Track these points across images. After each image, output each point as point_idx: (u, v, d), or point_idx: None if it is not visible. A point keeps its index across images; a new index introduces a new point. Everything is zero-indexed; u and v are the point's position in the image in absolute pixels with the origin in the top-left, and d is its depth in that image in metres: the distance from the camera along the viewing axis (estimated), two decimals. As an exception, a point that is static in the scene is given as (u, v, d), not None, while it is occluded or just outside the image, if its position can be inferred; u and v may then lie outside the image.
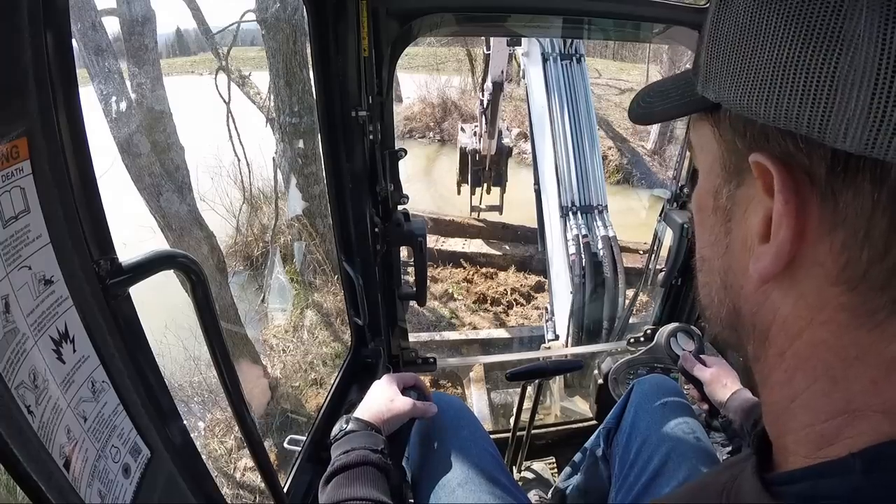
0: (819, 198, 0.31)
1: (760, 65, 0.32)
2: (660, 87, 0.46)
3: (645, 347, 1.91)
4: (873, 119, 0.27)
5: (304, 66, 6.59)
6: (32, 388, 0.46)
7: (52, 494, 0.46)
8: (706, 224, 0.42)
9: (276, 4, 6.11)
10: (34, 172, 0.46)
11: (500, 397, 5.21)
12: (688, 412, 1.28)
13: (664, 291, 2.03)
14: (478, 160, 7.76)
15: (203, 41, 8.20)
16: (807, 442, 0.36)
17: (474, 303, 8.07)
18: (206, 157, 8.09)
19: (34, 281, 0.47)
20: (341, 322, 7.18)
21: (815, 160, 0.31)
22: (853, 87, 0.27)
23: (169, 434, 0.66)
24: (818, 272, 0.33)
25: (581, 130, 4.36)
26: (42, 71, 0.46)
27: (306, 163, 7.05)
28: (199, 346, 5.62)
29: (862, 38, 0.27)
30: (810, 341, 0.34)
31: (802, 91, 0.29)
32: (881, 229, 0.29)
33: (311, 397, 6.07)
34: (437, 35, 1.62)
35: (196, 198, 5.55)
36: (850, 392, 0.33)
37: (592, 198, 4.16)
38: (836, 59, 0.28)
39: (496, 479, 1.10)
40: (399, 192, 1.57)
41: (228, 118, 7.22)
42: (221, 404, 5.67)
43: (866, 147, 0.27)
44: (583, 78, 4.59)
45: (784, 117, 0.31)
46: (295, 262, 7.89)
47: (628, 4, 1.51)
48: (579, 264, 3.76)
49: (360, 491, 0.90)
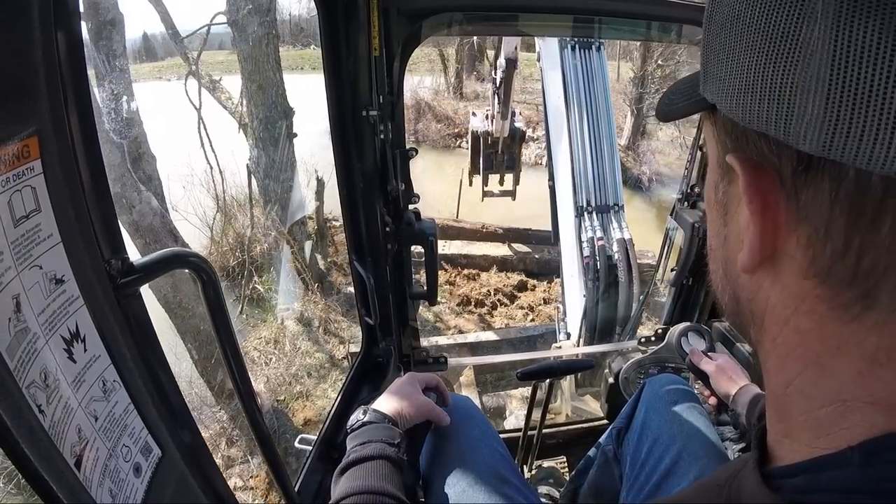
0: (785, 196, 0.33)
1: (738, 69, 0.34)
2: (680, 85, 0.47)
3: (656, 347, 1.91)
4: (828, 122, 0.28)
5: (278, 69, 6.55)
6: (43, 387, 0.46)
7: (62, 493, 0.46)
8: (711, 215, 0.45)
9: (248, 6, 6.02)
10: (45, 172, 0.46)
11: (491, 401, 5.20)
12: (699, 411, 1.28)
13: (675, 291, 2.02)
14: (490, 143, 7.63)
15: (172, 45, 8.06)
16: (805, 429, 0.37)
17: (458, 305, 8.06)
18: (177, 166, 7.98)
19: (45, 280, 0.47)
20: (324, 331, 7.14)
21: (783, 160, 0.33)
22: (809, 92, 0.28)
23: (180, 433, 0.66)
24: (793, 265, 0.34)
25: (599, 124, 4.25)
26: (53, 70, 0.46)
27: (281, 169, 6.99)
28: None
29: (816, 44, 0.28)
30: (796, 329, 0.36)
31: (769, 95, 0.31)
32: (839, 227, 0.30)
33: (297, 410, 6.01)
34: (448, 34, 1.62)
35: (168, 208, 5.45)
36: (838, 381, 0.34)
37: (609, 197, 4.10)
38: (795, 64, 0.29)
39: (506, 479, 1.09)
40: (410, 191, 1.56)
41: (200, 125, 7.15)
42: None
43: (823, 149, 0.28)
44: (602, 68, 4.46)
45: (757, 120, 0.32)
46: (273, 272, 7.81)
47: (640, 3, 1.50)
48: (594, 268, 3.73)
49: (375, 484, 0.90)
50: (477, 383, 5.52)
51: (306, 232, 8.04)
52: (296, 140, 7.29)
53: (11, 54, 0.42)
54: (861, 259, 0.30)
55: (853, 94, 0.27)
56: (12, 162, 0.43)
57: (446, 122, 17.44)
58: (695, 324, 1.89)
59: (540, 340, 6.71)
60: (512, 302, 8.28)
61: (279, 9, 6.97)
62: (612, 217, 4.02)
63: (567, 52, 4.39)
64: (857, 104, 0.27)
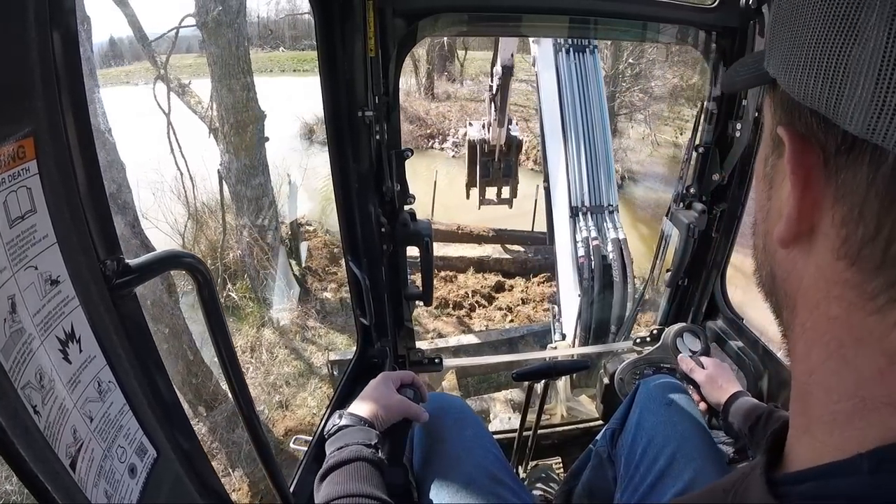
0: (825, 173, 0.34)
1: (798, 46, 0.34)
2: (748, 59, 0.49)
3: (651, 348, 1.91)
4: (875, 106, 0.28)
5: (248, 72, 6.48)
6: (39, 388, 0.46)
7: (58, 494, 0.46)
8: (759, 188, 0.45)
9: (217, 7, 5.93)
10: (40, 172, 0.46)
11: (475, 405, 5.18)
12: (693, 412, 1.29)
13: (670, 291, 2.02)
14: (486, 151, 7.62)
15: (139, 49, 7.93)
16: (822, 423, 0.37)
17: (436, 308, 8.02)
18: (146, 173, 7.90)
19: (40, 281, 0.47)
20: (301, 339, 7.09)
21: (829, 139, 0.33)
22: (860, 75, 0.29)
23: (175, 434, 0.66)
24: (827, 244, 0.34)
25: (593, 125, 4.30)
26: (48, 71, 0.46)
27: (253, 174, 6.91)
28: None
29: (872, 30, 0.28)
30: (826, 315, 0.36)
31: (824, 74, 0.31)
32: (873, 210, 0.30)
33: (277, 420, 5.96)
34: (444, 35, 1.62)
35: (139, 215, 5.34)
36: (859, 376, 0.34)
37: (603, 198, 4.13)
38: (850, 47, 0.30)
39: (500, 480, 1.10)
40: (405, 192, 1.56)
41: (169, 130, 7.01)
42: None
43: (867, 131, 0.29)
44: (596, 70, 4.51)
45: (810, 96, 0.33)
46: (247, 279, 7.72)
47: (637, 4, 1.50)
48: (588, 268, 3.74)
49: (354, 487, 0.92)
50: (459, 387, 5.51)
51: (280, 237, 7.99)
52: (268, 144, 7.25)
53: (7, 55, 0.42)
54: (890, 245, 0.30)
55: None
56: (8, 163, 0.42)
57: (418, 123, 17.53)
58: (690, 324, 1.90)
59: (521, 342, 6.70)
60: (490, 303, 8.29)
61: (249, 11, 6.87)
62: (606, 217, 4.04)
63: (561, 55, 4.42)
64: None
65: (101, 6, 7.14)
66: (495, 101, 6.44)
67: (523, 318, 7.86)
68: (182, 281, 5.81)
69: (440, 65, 21.41)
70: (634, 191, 13.39)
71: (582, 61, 4.49)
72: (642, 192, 13.28)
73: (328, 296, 8.06)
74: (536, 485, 1.95)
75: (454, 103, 19.48)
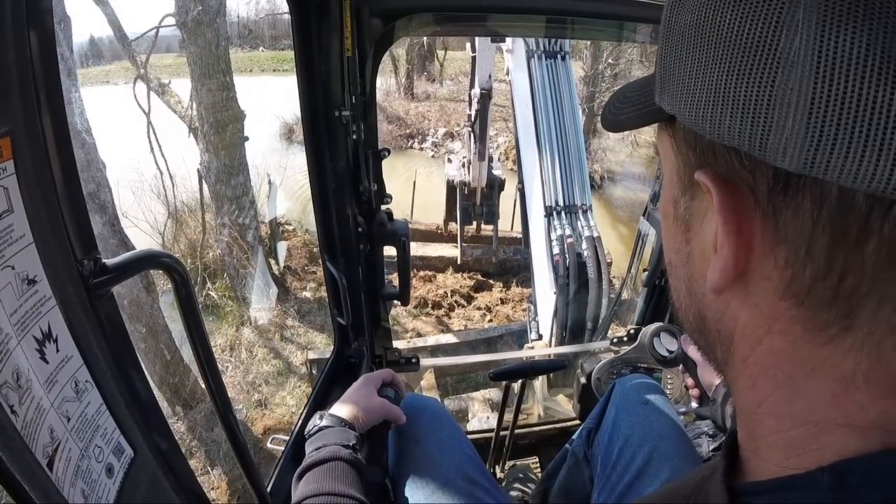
0: (761, 215, 0.31)
1: (704, 80, 0.31)
2: (628, 92, 0.45)
3: (628, 347, 1.92)
4: (811, 138, 0.26)
5: (228, 71, 6.42)
6: (16, 387, 0.46)
7: (35, 494, 0.46)
8: (670, 231, 0.42)
9: (197, 7, 5.87)
10: (17, 172, 0.46)
11: (453, 404, 5.19)
12: (669, 411, 1.28)
13: (647, 291, 2.05)
14: (466, 194, 7.22)
15: (119, 49, 7.85)
16: (776, 449, 0.36)
17: (415, 307, 7.99)
18: (126, 172, 7.82)
19: (17, 280, 0.46)
20: (280, 338, 7.04)
21: (757, 178, 0.31)
22: (790, 106, 0.27)
23: (152, 434, 0.66)
24: (767, 286, 0.33)
25: (565, 129, 4.37)
26: (25, 71, 0.45)
27: (233, 173, 6.86)
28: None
29: (797, 55, 0.26)
30: (769, 349, 0.34)
31: (743, 108, 0.29)
32: (822, 247, 0.29)
33: (256, 419, 5.92)
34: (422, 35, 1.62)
35: (119, 215, 5.31)
36: (811, 403, 0.33)
37: (577, 197, 4.19)
38: (774, 76, 0.27)
39: (475, 480, 1.10)
40: (382, 191, 1.57)
41: (149, 129, 6.99)
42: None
43: (805, 166, 0.27)
44: (567, 76, 4.60)
45: (727, 134, 0.30)
46: (227, 278, 7.65)
47: (613, 4, 1.51)
48: (563, 265, 3.79)
49: (329, 486, 0.92)
50: (438, 386, 5.51)
51: (259, 236, 7.93)
52: (247, 143, 7.21)
53: None
54: (843, 280, 0.29)
55: (839, 108, 0.25)
56: (-16, 162, 0.42)
57: (398, 123, 17.51)
58: (667, 324, 1.92)
59: (500, 342, 6.71)
60: (469, 303, 8.28)
61: (229, 11, 6.81)
62: (580, 216, 4.10)
63: (534, 61, 4.49)
64: (842, 119, 0.25)
65: (81, 6, 7.05)
66: (474, 131, 6.07)
67: (502, 317, 7.86)
68: (162, 280, 5.74)
69: (420, 64, 21.41)
70: (614, 191, 13.49)
71: (554, 67, 4.57)
72: (621, 192, 13.39)
73: (307, 295, 8.01)
74: (514, 485, 1.96)
75: (434, 103, 19.49)
